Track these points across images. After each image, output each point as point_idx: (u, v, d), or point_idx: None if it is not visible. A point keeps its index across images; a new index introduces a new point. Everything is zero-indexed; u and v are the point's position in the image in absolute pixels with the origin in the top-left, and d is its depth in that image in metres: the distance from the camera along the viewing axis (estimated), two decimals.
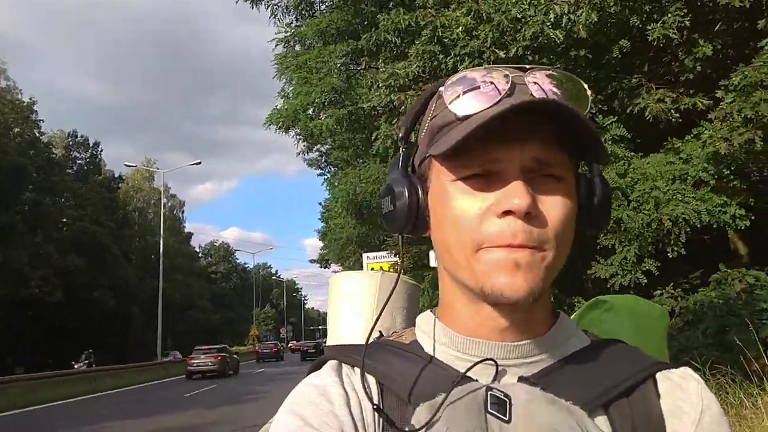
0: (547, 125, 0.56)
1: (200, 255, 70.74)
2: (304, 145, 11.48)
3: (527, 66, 0.60)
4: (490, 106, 0.56)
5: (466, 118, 0.57)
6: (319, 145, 14.53)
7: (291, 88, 9.82)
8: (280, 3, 9.49)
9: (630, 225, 6.18)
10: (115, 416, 11.58)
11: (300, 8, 8.91)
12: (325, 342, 1.11)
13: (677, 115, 6.31)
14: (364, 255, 16.08)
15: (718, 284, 6.39)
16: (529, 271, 0.55)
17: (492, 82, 0.58)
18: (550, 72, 0.60)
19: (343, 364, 0.65)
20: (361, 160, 10.33)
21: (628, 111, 6.69)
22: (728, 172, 6.09)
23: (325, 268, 31.87)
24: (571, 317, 0.67)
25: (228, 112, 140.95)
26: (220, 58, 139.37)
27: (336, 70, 7.81)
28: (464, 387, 0.58)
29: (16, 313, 25.52)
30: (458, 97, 0.58)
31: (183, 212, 60.52)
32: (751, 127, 5.23)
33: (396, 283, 0.77)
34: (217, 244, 78.74)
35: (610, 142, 6.42)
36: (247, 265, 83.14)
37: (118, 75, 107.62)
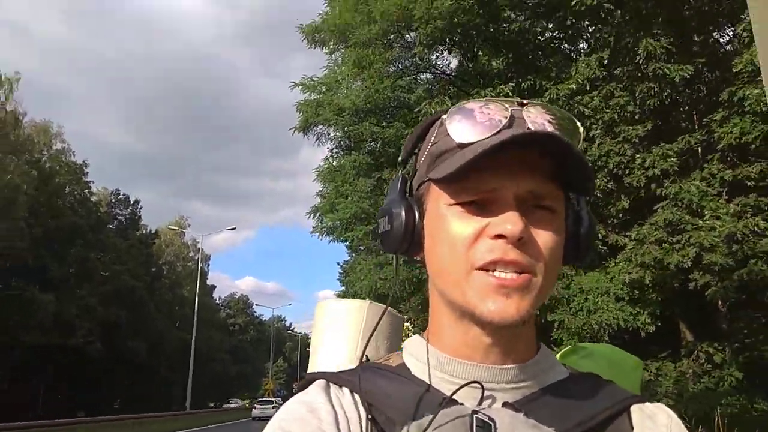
0: (543, 158, 0.59)
1: (220, 307, 73.36)
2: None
3: (525, 101, 0.63)
4: (490, 136, 0.59)
5: (466, 145, 0.60)
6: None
7: (327, 194, 12.76)
8: (323, 131, 12.49)
9: (569, 326, 8.70)
10: None
11: (340, 141, 11.86)
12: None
13: (605, 248, 8.92)
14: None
15: None
16: (520, 297, 0.58)
17: (492, 113, 0.61)
18: (546, 107, 0.63)
19: (331, 384, 0.66)
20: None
21: None
22: (638, 291, 8.63)
23: None
24: None
25: (250, 164, 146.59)
26: (242, 112, 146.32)
27: (365, 196, 10.61)
28: (451, 410, 0.59)
29: (68, 362, 28.20)
30: (459, 125, 0.62)
31: (208, 266, 63.75)
32: (642, 267, 7.82)
33: (384, 311, 0.80)
34: (236, 297, 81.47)
35: None
36: (262, 317, 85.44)
37: (144, 127, 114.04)
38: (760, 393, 8.96)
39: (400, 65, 11.25)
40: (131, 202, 45.57)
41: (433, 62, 11.62)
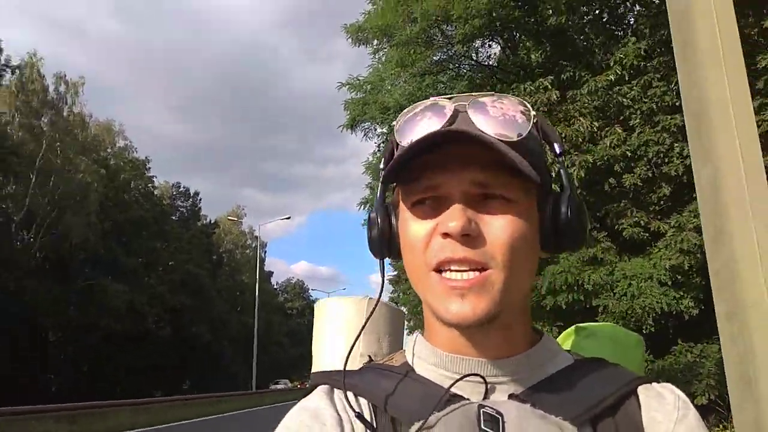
0: (488, 150, 0.58)
1: (278, 291, 75.79)
2: None
3: (474, 93, 0.65)
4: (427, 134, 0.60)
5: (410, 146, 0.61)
6: None
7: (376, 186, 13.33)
8: (370, 128, 13.02)
9: (613, 310, 9.00)
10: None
11: (386, 137, 12.35)
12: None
13: (647, 234, 9.14)
14: None
15: (678, 354, 9.06)
16: (476, 297, 0.58)
17: (435, 112, 0.63)
18: (494, 98, 0.64)
19: (335, 389, 0.67)
20: None
21: (616, 228, 9.55)
22: (681, 276, 8.83)
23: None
24: None
25: (298, 150, 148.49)
26: (290, 98, 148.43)
27: None
28: (457, 405, 0.59)
29: (140, 346, 30.25)
30: (403, 129, 0.65)
31: (265, 252, 65.90)
32: (682, 254, 8.05)
33: (375, 307, 0.81)
34: (292, 282, 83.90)
35: (601, 252, 9.29)
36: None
37: (197, 119, 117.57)
38: None
39: (442, 56, 11.61)
40: (191, 194, 47.69)
41: (474, 53, 11.94)
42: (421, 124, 0.63)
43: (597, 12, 11.18)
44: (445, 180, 0.60)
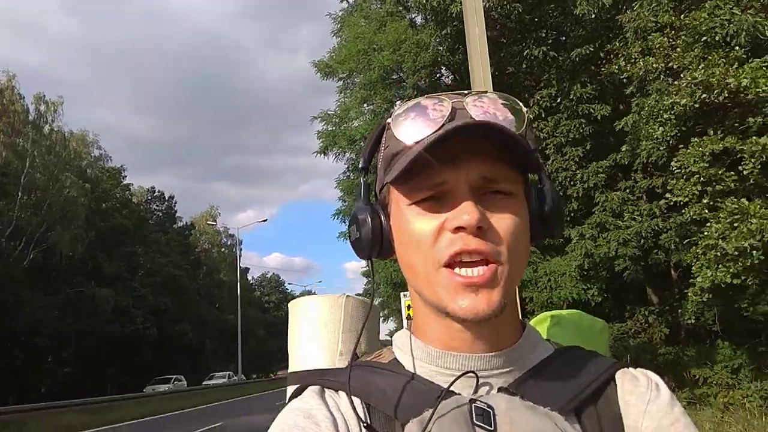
0: (490, 144, 0.60)
1: (254, 286, 77.50)
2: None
3: (466, 91, 0.65)
4: (434, 131, 0.60)
5: (414, 144, 0.61)
6: None
7: (348, 201, 15.61)
8: (339, 154, 15.27)
9: (536, 301, 11.49)
10: (243, 413, 17.34)
11: (354, 162, 14.62)
12: None
13: (561, 239, 11.63)
14: (402, 294, 21.50)
15: None
16: (489, 291, 0.59)
17: (435, 109, 0.62)
18: (488, 94, 0.65)
19: (326, 388, 0.67)
20: None
21: None
22: (589, 270, 11.34)
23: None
24: None
25: (268, 141, 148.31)
26: (256, 89, 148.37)
27: None
28: (449, 401, 0.60)
29: (129, 346, 32.05)
30: (404, 126, 0.63)
31: (241, 249, 67.41)
32: (584, 256, 10.54)
33: (370, 310, 0.84)
34: (268, 276, 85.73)
35: None
36: (294, 293, 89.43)
37: (160, 113, 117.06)
38: (689, 344, 11.73)
39: (398, 94, 13.91)
40: (166, 198, 49.08)
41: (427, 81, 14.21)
42: (421, 123, 0.62)
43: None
44: (451, 175, 0.60)
